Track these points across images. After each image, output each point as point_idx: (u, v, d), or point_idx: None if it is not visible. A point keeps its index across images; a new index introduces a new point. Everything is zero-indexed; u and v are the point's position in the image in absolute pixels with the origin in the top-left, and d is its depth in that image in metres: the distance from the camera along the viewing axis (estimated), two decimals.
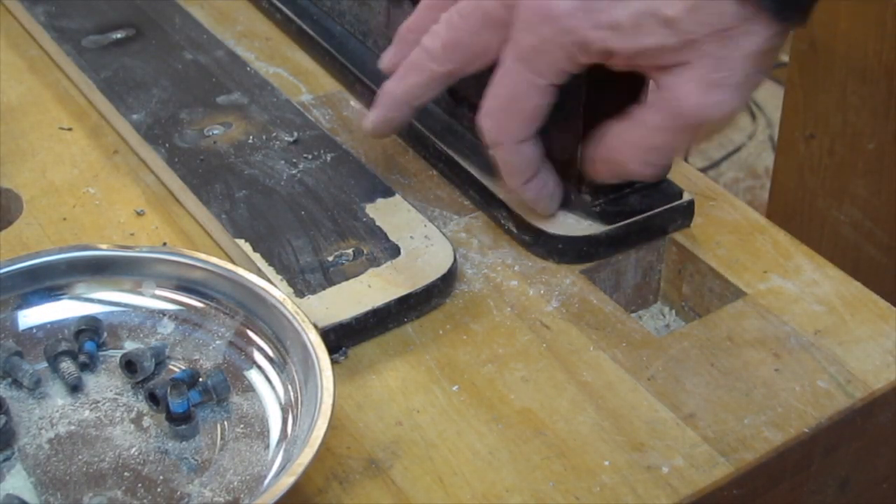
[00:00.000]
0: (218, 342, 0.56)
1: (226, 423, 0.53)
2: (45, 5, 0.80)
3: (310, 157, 0.67)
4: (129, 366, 0.54)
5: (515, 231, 0.63)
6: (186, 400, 0.52)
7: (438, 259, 0.59)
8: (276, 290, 0.55)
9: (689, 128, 0.54)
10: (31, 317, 0.56)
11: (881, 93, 0.92)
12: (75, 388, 0.54)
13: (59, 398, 0.54)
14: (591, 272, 0.62)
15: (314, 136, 0.68)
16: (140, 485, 0.50)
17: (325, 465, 0.51)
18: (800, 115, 1.00)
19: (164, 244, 0.63)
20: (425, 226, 0.62)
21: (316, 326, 0.54)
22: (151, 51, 0.76)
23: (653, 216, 0.63)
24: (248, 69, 0.74)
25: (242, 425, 0.52)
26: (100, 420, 0.53)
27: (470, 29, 0.57)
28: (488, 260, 0.62)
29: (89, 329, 0.55)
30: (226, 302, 0.56)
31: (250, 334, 0.55)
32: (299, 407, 0.51)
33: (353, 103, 0.74)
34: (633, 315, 0.64)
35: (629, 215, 0.62)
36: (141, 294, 0.57)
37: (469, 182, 0.66)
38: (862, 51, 0.92)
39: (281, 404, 0.53)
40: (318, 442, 0.47)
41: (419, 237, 0.61)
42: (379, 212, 0.63)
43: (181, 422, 0.52)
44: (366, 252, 0.60)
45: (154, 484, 0.50)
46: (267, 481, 0.49)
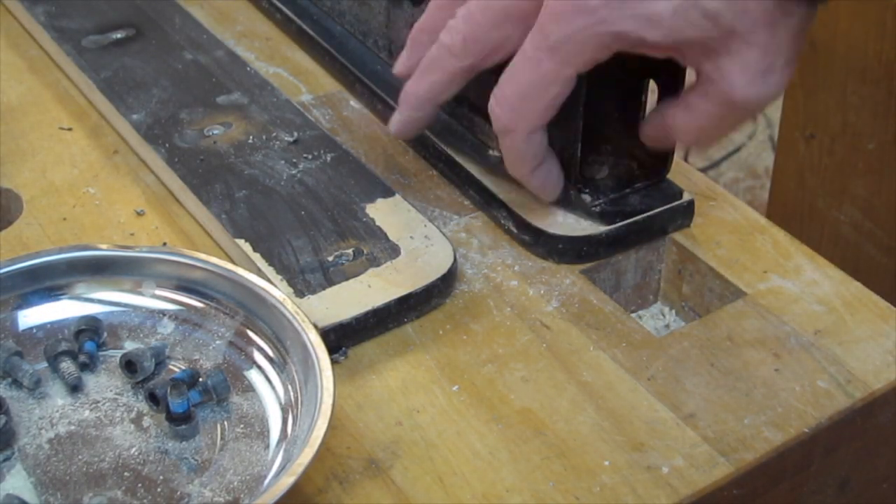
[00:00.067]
0: (218, 342, 0.56)
1: (226, 423, 0.53)
2: (45, 5, 0.80)
3: (310, 157, 0.67)
4: (129, 366, 0.54)
5: (515, 231, 0.63)
6: (186, 400, 0.52)
7: (438, 259, 0.59)
8: (276, 290, 0.55)
9: (742, 113, 0.55)
10: (31, 317, 0.56)
11: (881, 93, 0.92)
12: (75, 388, 0.54)
13: (59, 398, 0.54)
14: (591, 272, 0.62)
15: (314, 136, 0.68)
16: (140, 485, 0.50)
17: (325, 465, 0.51)
18: (800, 115, 1.00)
19: (164, 244, 0.63)
20: (425, 226, 0.62)
21: (316, 326, 0.54)
22: (151, 51, 0.76)
23: (653, 216, 0.63)
24: (248, 69, 0.74)
25: (242, 425, 0.52)
26: (100, 420, 0.53)
27: (491, 22, 0.57)
28: (488, 260, 0.62)
29: (89, 329, 0.55)
30: (226, 302, 0.56)
31: (250, 334, 0.55)
32: (299, 407, 0.51)
33: (353, 103, 0.74)
34: (633, 315, 0.64)
35: (629, 215, 0.62)
36: (141, 294, 0.57)
37: (469, 182, 0.66)
38: (862, 51, 0.92)
39: (281, 404, 0.53)
40: (318, 442, 0.47)
41: (419, 237, 0.61)
42: (379, 212, 0.63)
43: (181, 422, 0.52)
44: (366, 252, 0.60)
45: (154, 484, 0.50)
46: (267, 481, 0.49)
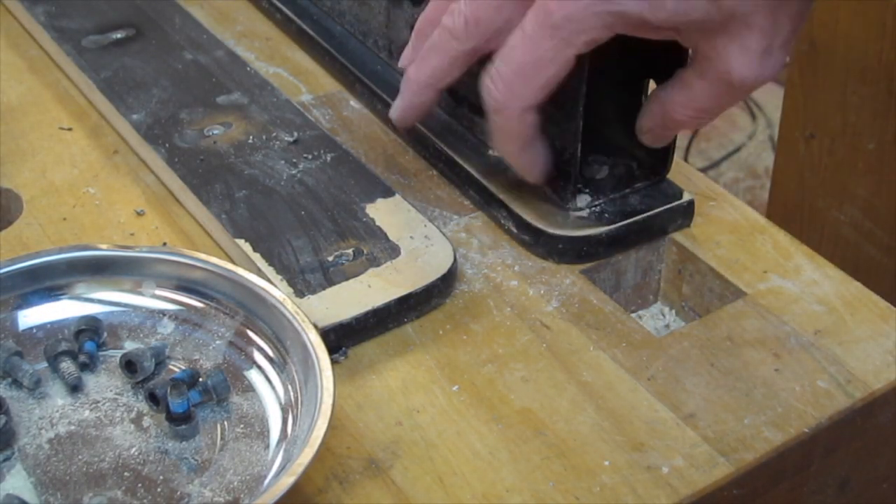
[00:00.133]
0: (218, 342, 0.56)
1: (226, 423, 0.53)
2: (45, 5, 0.80)
3: (310, 157, 0.67)
4: (129, 366, 0.54)
5: (515, 231, 0.63)
6: (186, 400, 0.52)
7: (438, 259, 0.59)
8: (276, 290, 0.55)
9: (737, 93, 0.56)
10: (31, 317, 0.56)
11: (881, 93, 0.92)
12: (75, 388, 0.54)
13: (59, 398, 0.54)
14: (591, 272, 0.62)
15: (314, 136, 0.68)
16: (140, 485, 0.50)
17: (325, 465, 0.51)
18: (800, 115, 1.00)
19: (164, 244, 0.63)
20: (425, 226, 0.62)
21: (316, 326, 0.54)
22: (151, 51, 0.76)
23: (653, 216, 0.63)
24: (248, 69, 0.74)
25: (242, 425, 0.52)
26: (100, 420, 0.53)
27: (494, 4, 0.56)
28: (488, 260, 0.62)
29: (89, 329, 0.55)
30: (226, 302, 0.56)
31: (250, 334, 0.55)
32: (299, 407, 0.51)
33: (353, 103, 0.74)
34: (633, 315, 0.64)
35: (629, 215, 0.62)
36: (141, 294, 0.57)
37: (469, 182, 0.66)
38: (862, 51, 0.92)
39: (281, 404, 0.53)
40: (318, 442, 0.47)
41: (419, 237, 0.61)
42: (379, 212, 0.63)
43: (181, 422, 0.52)
44: (366, 252, 0.60)
45: (154, 484, 0.50)
46: (267, 481, 0.49)
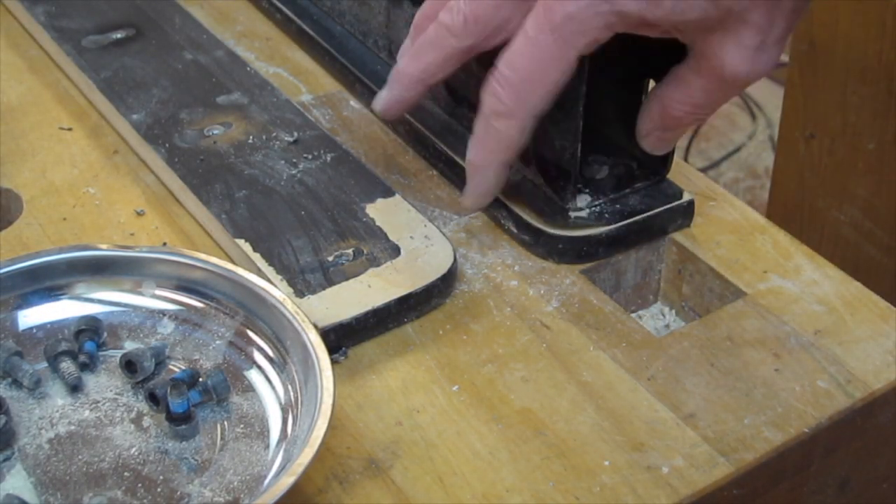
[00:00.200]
0: (218, 342, 0.56)
1: (226, 423, 0.53)
2: (45, 5, 0.80)
3: (310, 157, 0.67)
4: (129, 366, 0.54)
5: (515, 231, 0.63)
6: (186, 400, 0.52)
7: (438, 259, 0.59)
8: (276, 290, 0.55)
9: (732, 89, 0.56)
10: (31, 317, 0.56)
11: (881, 93, 0.92)
12: (75, 388, 0.54)
13: (59, 398, 0.54)
14: (591, 272, 0.62)
15: (314, 136, 0.68)
16: (140, 485, 0.50)
17: (325, 465, 0.51)
18: (800, 115, 1.00)
19: (164, 244, 0.63)
20: (425, 226, 0.62)
21: (316, 326, 0.54)
22: (151, 51, 0.76)
23: (653, 216, 0.63)
24: (248, 69, 0.74)
25: (242, 425, 0.52)
26: (100, 420, 0.53)
27: (493, 4, 0.56)
28: (488, 260, 0.62)
29: (89, 329, 0.55)
30: (226, 302, 0.56)
31: (250, 334, 0.55)
32: (299, 407, 0.51)
33: (353, 103, 0.74)
34: (633, 315, 0.64)
35: (629, 215, 0.62)
36: (141, 294, 0.57)
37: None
38: (862, 51, 0.92)
39: (281, 404, 0.53)
40: (318, 442, 0.47)
41: (419, 237, 0.61)
42: (379, 212, 0.63)
43: (181, 422, 0.52)
44: (366, 252, 0.60)
45: (154, 484, 0.50)
46: (267, 481, 0.49)
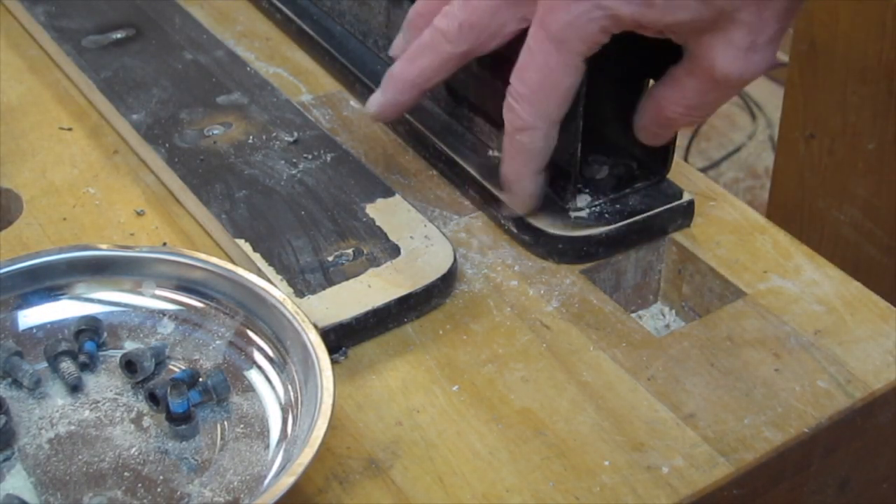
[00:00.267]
0: (218, 342, 0.56)
1: (226, 423, 0.53)
2: (45, 5, 0.80)
3: (310, 157, 0.67)
4: (129, 366, 0.54)
5: (515, 231, 0.63)
6: (186, 400, 0.52)
7: (438, 259, 0.59)
8: (276, 290, 0.55)
9: (725, 90, 0.56)
10: (31, 317, 0.56)
11: (881, 93, 0.92)
12: (75, 388, 0.54)
13: (59, 398, 0.54)
14: (591, 272, 0.62)
15: (314, 136, 0.68)
16: (140, 485, 0.50)
17: (325, 465, 0.51)
18: (800, 115, 1.00)
19: (164, 244, 0.63)
20: (425, 226, 0.62)
21: (316, 326, 0.54)
22: (151, 51, 0.76)
23: (653, 216, 0.63)
24: (248, 69, 0.74)
25: (242, 425, 0.52)
26: (100, 420, 0.53)
27: (489, 9, 0.57)
28: (488, 260, 0.62)
29: (89, 329, 0.55)
30: (226, 302, 0.56)
31: (250, 334, 0.55)
32: (299, 407, 0.51)
33: (353, 103, 0.74)
34: (633, 315, 0.64)
35: (629, 215, 0.62)
36: (141, 294, 0.57)
37: (469, 182, 0.66)
38: (862, 51, 0.92)
39: (281, 404, 0.53)
40: (318, 442, 0.47)
41: (419, 237, 0.61)
42: (379, 212, 0.63)
43: (181, 422, 0.52)
44: (366, 252, 0.60)
45: (154, 484, 0.50)
46: (267, 481, 0.49)
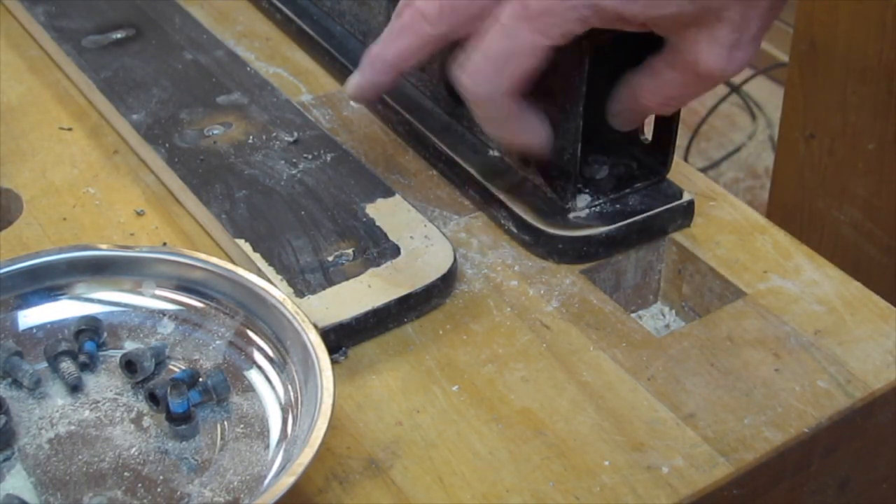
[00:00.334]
0: (218, 342, 0.56)
1: (226, 423, 0.53)
2: (45, 5, 0.80)
3: (310, 157, 0.67)
4: (129, 366, 0.54)
5: (515, 231, 0.63)
6: (186, 400, 0.52)
7: (438, 259, 0.59)
8: (276, 290, 0.55)
9: (705, 84, 0.56)
10: (31, 317, 0.56)
11: (881, 93, 0.92)
12: (75, 388, 0.54)
13: (59, 398, 0.54)
14: (591, 272, 0.62)
15: (314, 136, 0.68)
16: (140, 485, 0.50)
17: (325, 465, 0.51)
18: (800, 115, 1.00)
19: (164, 244, 0.63)
20: (425, 226, 0.62)
21: (316, 326, 0.54)
22: (151, 51, 0.76)
23: (653, 216, 0.63)
24: (248, 69, 0.74)
25: (242, 425, 0.52)
26: (100, 420, 0.53)
27: None
28: (488, 260, 0.62)
29: (89, 329, 0.55)
30: (226, 302, 0.56)
31: (250, 334, 0.55)
32: (299, 407, 0.51)
33: (353, 103, 0.74)
34: (633, 315, 0.64)
35: (629, 215, 0.62)
36: (141, 294, 0.57)
37: (469, 182, 0.66)
38: (862, 51, 0.92)
39: (281, 404, 0.53)
40: (318, 442, 0.47)
41: (419, 237, 0.61)
42: (379, 212, 0.63)
43: (181, 422, 0.52)
44: (366, 252, 0.60)
45: (154, 484, 0.50)
46: (267, 481, 0.49)
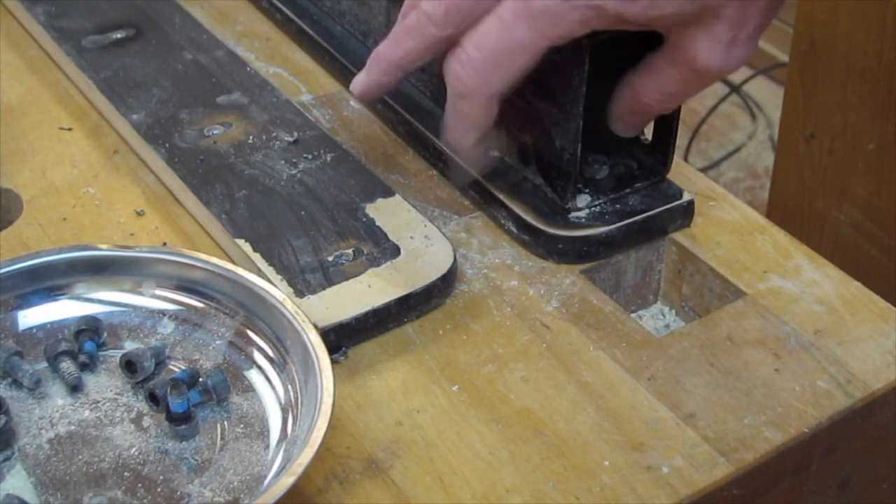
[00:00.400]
0: (218, 342, 0.56)
1: (226, 423, 0.53)
2: (45, 5, 0.80)
3: (310, 157, 0.67)
4: (129, 366, 0.54)
5: (515, 231, 0.63)
6: (186, 400, 0.52)
7: (438, 259, 0.59)
8: (276, 290, 0.55)
9: (703, 81, 0.57)
10: (31, 317, 0.56)
11: (881, 93, 0.92)
12: (75, 388, 0.54)
13: (59, 398, 0.54)
14: (591, 272, 0.62)
15: (314, 136, 0.68)
16: (140, 485, 0.50)
17: (325, 465, 0.51)
18: (800, 115, 1.00)
19: (164, 244, 0.63)
20: (425, 226, 0.62)
21: (316, 326, 0.54)
22: (151, 51, 0.76)
23: (653, 216, 0.63)
24: (248, 69, 0.74)
25: (242, 425, 0.52)
26: (100, 420, 0.53)
27: None
28: (488, 260, 0.62)
29: (89, 329, 0.55)
30: (226, 302, 0.56)
31: (250, 334, 0.55)
32: (299, 407, 0.51)
33: (353, 103, 0.74)
34: (633, 315, 0.64)
35: (629, 215, 0.62)
36: (141, 294, 0.57)
37: (469, 182, 0.66)
38: (862, 51, 0.92)
39: (281, 404, 0.53)
40: (318, 442, 0.47)
41: (419, 237, 0.61)
42: (379, 212, 0.63)
43: (181, 422, 0.52)
44: (366, 252, 0.60)
45: (154, 484, 0.50)
46: (267, 481, 0.49)
